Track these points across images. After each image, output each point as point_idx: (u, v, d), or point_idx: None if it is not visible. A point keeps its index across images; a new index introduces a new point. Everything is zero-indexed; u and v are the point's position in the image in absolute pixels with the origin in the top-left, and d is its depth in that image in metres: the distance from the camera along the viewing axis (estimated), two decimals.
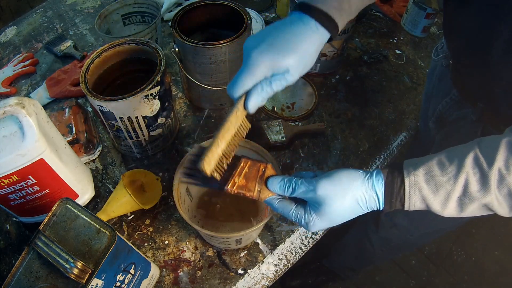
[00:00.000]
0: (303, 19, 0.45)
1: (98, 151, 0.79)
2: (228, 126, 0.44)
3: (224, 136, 0.44)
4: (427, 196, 0.41)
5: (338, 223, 0.45)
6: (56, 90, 0.88)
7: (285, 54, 0.43)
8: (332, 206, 0.43)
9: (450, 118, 0.68)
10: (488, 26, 0.48)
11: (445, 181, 0.40)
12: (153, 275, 0.59)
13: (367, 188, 0.43)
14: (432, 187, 0.40)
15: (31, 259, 0.42)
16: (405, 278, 1.42)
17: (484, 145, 0.40)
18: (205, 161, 0.42)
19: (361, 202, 0.43)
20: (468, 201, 0.39)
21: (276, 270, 0.65)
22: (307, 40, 0.44)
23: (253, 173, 0.48)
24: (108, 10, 0.90)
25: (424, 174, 0.41)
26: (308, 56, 0.44)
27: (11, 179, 0.55)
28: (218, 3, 0.78)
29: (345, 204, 0.43)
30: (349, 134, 0.83)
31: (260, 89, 0.44)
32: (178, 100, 0.89)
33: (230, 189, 0.46)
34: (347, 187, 0.43)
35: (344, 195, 0.43)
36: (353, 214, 0.45)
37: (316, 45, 0.45)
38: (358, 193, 0.43)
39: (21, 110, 0.51)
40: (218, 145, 0.44)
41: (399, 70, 0.96)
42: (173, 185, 0.57)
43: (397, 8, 1.11)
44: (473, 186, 0.39)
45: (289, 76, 0.44)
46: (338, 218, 0.44)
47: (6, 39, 1.09)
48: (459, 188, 0.39)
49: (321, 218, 0.44)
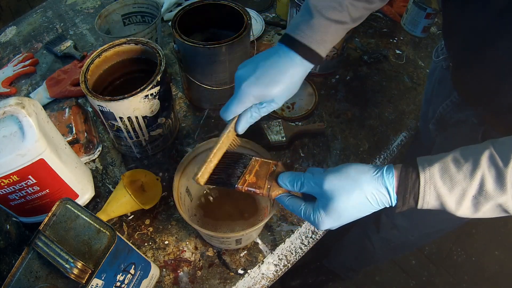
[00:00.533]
0: (289, 55, 0.50)
1: (98, 151, 0.79)
2: (221, 146, 0.52)
3: (216, 154, 0.51)
4: (442, 193, 0.40)
5: (347, 220, 0.44)
6: (56, 90, 0.88)
7: (271, 87, 0.49)
8: (339, 200, 0.42)
9: (451, 120, 0.68)
10: (491, 26, 0.47)
11: (460, 178, 0.39)
12: (153, 275, 0.59)
13: (377, 182, 0.42)
14: (448, 183, 0.39)
15: (31, 259, 0.42)
16: (405, 278, 1.42)
17: (498, 144, 0.39)
18: (200, 176, 0.49)
19: (370, 197, 0.42)
20: (484, 200, 0.38)
21: (276, 270, 0.65)
22: (291, 73, 0.50)
23: (264, 171, 0.50)
24: (108, 10, 0.90)
25: (440, 170, 0.40)
26: (292, 85, 0.51)
27: (11, 179, 0.55)
28: (218, 3, 0.78)
29: (352, 198, 0.42)
30: (349, 134, 0.83)
31: (249, 115, 0.52)
32: (178, 100, 0.89)
33: (241, 187, 0.49)
34: (354, 181, 0.43)
35: (351, 189, 0.42)
36: (362, 210, 0.43)
37: (300, 75, 0.51)
38: (367, 187, 0.42)
39: (21, 110, 0.51)
40: (211, 162, 0.51)
41: (399, 70, 0.96)
42: (173, 185, 0.57)
43: (397, 8, 1.11)
44: (489, 184, 0.38)
45: (275, 104, 0.51)
46: (346, 214, 0.43)
47: (6, 39, 1.09)
48: (475, 186, 0.38)
49: (328, 215, 0.43)
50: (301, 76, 0.52)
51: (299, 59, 0.50)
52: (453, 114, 0.68)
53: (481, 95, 0.58)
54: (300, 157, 0.78)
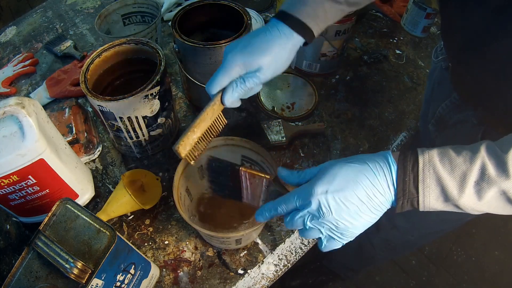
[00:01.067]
0: (278, 26, 0.50)
1: (98, 151, 0.79)
2: (204, 117, 0.49)
3: (200, 125, 0.49)
4: (442, 176, 0.38)
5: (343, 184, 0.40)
6: (56, 90, 0.88)
7: (256, 55, 0.48)
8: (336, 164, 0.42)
9: (451, 121, 0.68)
10: (489, 24, 0.47)
11: (460, 161, 0.38)
12: (153, 275, 0.59)
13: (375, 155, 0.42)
14: (447, 166, 0.38)
15: (31, 259, 0.42)
16: (405, 278, 1.42)
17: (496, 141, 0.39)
18: (181, 144, 0.47)
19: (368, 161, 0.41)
20: (486, 186, 0.37)
21: (276, 270, 0.65)
22: (279, 45, 0.49)
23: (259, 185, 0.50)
24: (108, 10, 0.90)
25: (439, 154, 0.39)
26: (280, 59, 0.50)
27: (11, 179, 0.55)
28: (218, 3, 0.78)
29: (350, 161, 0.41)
30: (349, 134, 0.83)
31: (234, 85, 0.50)
32: (178, 100, 0.89)
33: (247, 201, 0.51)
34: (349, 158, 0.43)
35: (349, 159, 0.42)
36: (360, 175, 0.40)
37: (288, 49, 0.50)
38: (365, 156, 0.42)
39: (21, 110, 0.51)
40: (194, 132, 0.49)
41: (399, 70, 0.96)
42: (173, 185, 0.57)
43: (397, 8, 1.11)
44: (491, 169, 0.37)
45: (261, 74, 0.49)
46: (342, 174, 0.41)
47: (6, 39, 1.09)
48: (476, 171, 0.37)
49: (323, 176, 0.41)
50: (290, 49, 0.50)
51: (288, 30, 0.50)
52: (452, 115, 0.67)
53: (481, 95, 0.58)
54: (300, 157, 0.78)
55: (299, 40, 0.51)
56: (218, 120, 0.52)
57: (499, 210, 0.39)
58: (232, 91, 0.50)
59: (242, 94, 0.51)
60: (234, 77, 0.50)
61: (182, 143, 0.48)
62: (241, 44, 0.50)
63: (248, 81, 0.50)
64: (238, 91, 0.50)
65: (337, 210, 0.41)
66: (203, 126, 0.50)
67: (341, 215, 0.41)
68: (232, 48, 0.50)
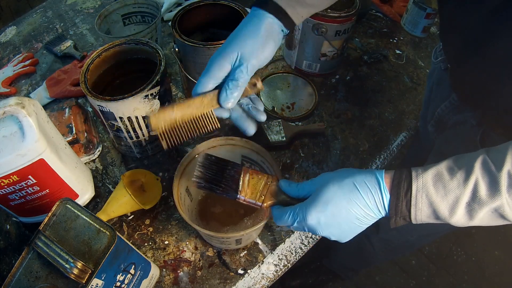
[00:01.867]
0: (252, 12, 0.49)
1: (98, 151, 0.79)
2: (189, 103, 0.48)
3: (182, 107, 0.48)
4: (435, 201, 0.40)
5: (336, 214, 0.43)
6: (56, 90, 0.88)
7: (232, 46, 0.47)
8: (329, 186, 0.43)
9: (450, 122, 0.68)
10: (487, 24, 0.47)
11: (454, 185, 0.39)
12: (153, 275, 0.59)
13: (368, 174, 0.43)
14: (441, 191, 0.39)
15: (31, 259, 0.42)
16: (405, 278, 1.42)
17: (492, 150, 0.39)
18: (154, 115, 0.46)
19: (360, 186, 0.42)
20: (478, 207, 0.38)
21: (276, 270, 0.65)
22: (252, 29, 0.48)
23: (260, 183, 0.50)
24: (108, 10, 0.90)
25: (433, 177, 0.40)
26: (258, 42, 0.48)
27: (11, 179, 0.55)
28: (218, 3, 0.78)
29: (342, 185, 0.42)
30: (349, 134, 0.83)
31: (226, 86, 0.48)
32: (178, 100, 0.89)
33: (242, 198, 0.49)
34: (347, 171, 0.44)
35: (343, 177, 0.43)
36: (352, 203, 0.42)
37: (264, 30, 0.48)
38: (358, 177, 0.42)
39: (21, 110, 0.51)
40: (172, 111, 0.47)
41: (399, 70, 0.96)
42: (173, 185, 0.57)
43: (397, 8, 1.11)
44: (482, 190, 0.38)
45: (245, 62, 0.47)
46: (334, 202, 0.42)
47: (6, 39, 1.09)
48: (468, 193, 0.38)
49: (316, 201, 0.43)
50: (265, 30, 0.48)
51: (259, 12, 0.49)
52: (451, 116, 0.68)
53: (479, 96, 0.58)
54: (300, 157, 0.78)
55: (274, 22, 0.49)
56: (207, 117, 0.50)
57: (492, 223, 0.40)
58: (226, 94, 0.48)
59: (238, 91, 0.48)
60: (219, 78, 0.48)
61: (156, 114, 0.47)
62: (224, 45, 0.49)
63: (238, 73, 0.47)
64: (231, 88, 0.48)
65: (328, 232, 0.45)
66: (186, 111, 0.48)
67: (331, 233, 0.45)
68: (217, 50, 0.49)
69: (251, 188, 0.49)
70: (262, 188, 0.49)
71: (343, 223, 0.43)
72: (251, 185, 0.50)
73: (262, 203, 0.49)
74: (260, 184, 0.49)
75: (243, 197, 0.49)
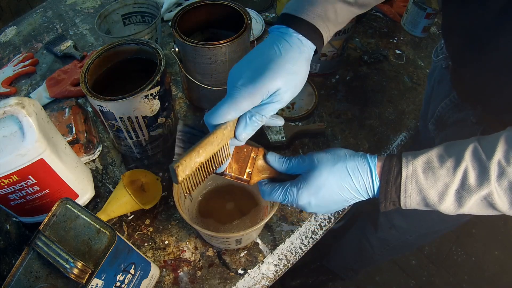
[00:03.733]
0: (285, 36, 0.43)
1: (98, 151, 0.79)
2: (212, 139, 0.40)
3: (206, 147, 0.40)
4: (424, 187, 0.40)
5: (326, 197, 0.43)
6: (56, 90, 0.88)
7: (267, 80, 0.40)
8: (321, 169, 0.42)
9: (450, 120, 0.68)
10: (490, 25, 0.47)
11: (443, 172, 0.39)
12: (153, 275, 0.59)
13: (360, 159, 0.43)
14: (430, 178, 0.39)
15: (31, 259, 0.42)
16: (405, 278, 1.42)
17: (484, 139, 0.40)
18: (181, 164, 0.38)
19: (352, 172, 0.42)
20: (467, 194, 0.38)
21: (276, 270, 0.65)
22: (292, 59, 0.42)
23: (243, 156, 0.47)
24: (108, 10, 0.90)
25: (423, 164, 0.40)
26: (296, 77, 0.42)
27: (11, 179, 0.55)
28: (218, 3, 0.78)
29: (334, 170, 0.42)
30: (349, 134, 0.83)
31: (248, 119, 0.41)
32: (178, 100, 0.89)
33: (229, 174, 0.47)
34: (339, 156, 0.44)
35: (334, 160, 0.43)
36: (344, 188, 0.42)
37: (304, 61, 0.43)
38: (350, 162, 0.43)
39: (21, 110, 0.51)
40: (198, 154, 0.40)
41: (399, 70, 0.96)
42: (173, 185, 0.57)
43: (397, 8, 1.11)
44: (472, 178, 0.38)
45: (278, 100, 0.41)
46: (326, 188, 0.42)
47: (6, 39, 1.09)
48: (457, 180, 0.39)
49: (308, 184, 0.43)
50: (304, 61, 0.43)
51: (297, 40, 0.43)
52: (452, 114, 0.68)
53: (480, 94, 0.58)
54: None
55: (310, 49, 0.44)
56: (224, 150, 0.43)
57: (480, 212, 0.41)
58: (245, 125, 0.42)
59: (257, 127, 0.43)
60: (243, 110, 0.41)
61: (184, 162, 0.38)
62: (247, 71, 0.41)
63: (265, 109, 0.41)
64: (252, 124, 0.42)
65: (315, 210, 0.46)
66: (209, 150, 0.41)
67: (317, 211, 0.46)
68: (237, 77, 0.41)
69: (237, 163, 0.46)
70: (248, 162, 0.47)
71: (332, 204, 0.45)
72: (237, 160, 0.47)
73: (250, 179, 0.47)
74: (247, 158, 0.47)
75: (230, 173, 0.46)
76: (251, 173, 0.47)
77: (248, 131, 0.42)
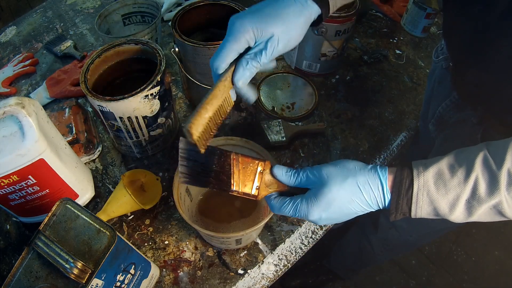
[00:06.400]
0: None
1: (98, 151, 0.79)
2: (216, 93, 0.43)
3: (212, 102, 0.43)
4: (435, 199, 0.40)
5: (337, 212, 0.43)
6: (56, 90, 0.88)
7: (269, 21, 0.43)
8: (331, 185, 0.42)
9: (450, 120, 0.68)
10: (492, 26, 0.47)
11: (454, 183, 0.39)
12: (153, 275, 0.59)
13: (371, 173, 0.42)
14: (441, 190, 0.39)
15: (31, 259, 0.42)
16: (405, 278, 1.42)
17: (492, 146, 0.40)
18: (193, 123, 0.40)
19: (363, 187, 0.42)
20: (477, 204, 0.39)
21: (276, 270, 0.65)
22: (293, 11, 0.45)
23: (249, 170, 0.47)
24: (108, 10, 0.90)
25: (434, 176, 0.40)
26: (293, 28, 0.45)
27: (11, 179, 0.55)
28: (218, 3, 0.78)
29: (345, 185, 0.42)
30: (349, 134, 0.83)
31: (244, 63, 0.44)
32: (178, 100, 0.89)
33: (237, 191, 0.46)
34: (349, 170, 0.43)
35: (345, 175, 0.42)
36: (354, 203, 0.43)
37: (303, 18, 0.46)
38: (360, 176, 0.42)
39: (21, 110, 0.51)
40: (206, 110, 0.42)
41: (399, 70, 0.96)
42: (173, 185, 0.57)
43: (397, 8, 1.11)
44: (482, 188, 0.38)
45: (273, 45, 0.44)
46: (337, 203, 0.42)
47: (6, 39, 1.09)
48: (468, 190, 0.39)
49: (318, 200, 0.43)
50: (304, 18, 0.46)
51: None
52: (452, 114, 0.68)
53: (481, 95, 0.58)
54: (300, 157, 0.78)
55: (314, 11, 0.46)
56: (227, 101, 0.46)
57: (490, 219, 0.41)
58: (243, 70, 0.45)
59: (253, 72, 0.46)
60: (242, 47, 0.44)
61: (195, 121, 0.40)
62: (250, 11, 0.45)
63: (259, 55, 0.45)
64: (249, 68, 0.45)
65: (325, 223, 0.45)
66: (215, 103, 0.43)
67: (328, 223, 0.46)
68: (241, 15, 0.44)
69: (243, 178, 0.46)
70: (255, 177, 0.46)
71: (342, 217, 0.44)
72: (243, 175, 0.46)
73: (258, 194, 0.47)
74: (253, 172, 0.46)
75: (238, 190, 0.46)
76: (259, 189, 0.46)
77: (246, 76, 0.45)
